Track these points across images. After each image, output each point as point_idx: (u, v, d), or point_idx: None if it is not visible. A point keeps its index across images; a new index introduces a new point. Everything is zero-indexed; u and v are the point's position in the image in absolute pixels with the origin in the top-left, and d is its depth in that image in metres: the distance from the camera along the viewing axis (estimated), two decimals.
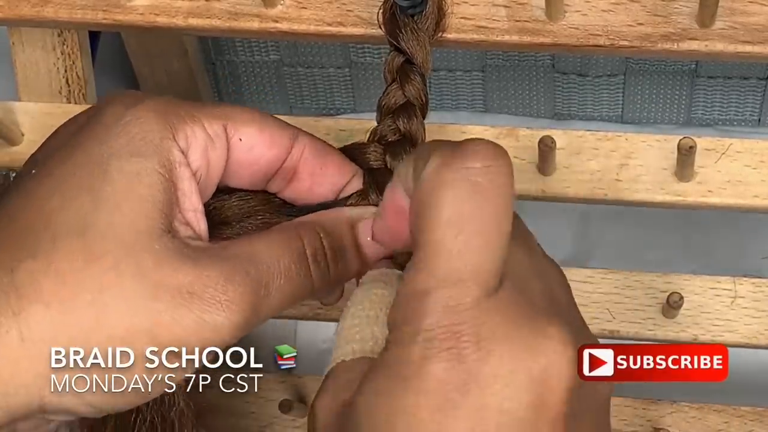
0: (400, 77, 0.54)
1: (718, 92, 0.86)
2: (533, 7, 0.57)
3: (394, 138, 0.53)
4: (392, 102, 0.53)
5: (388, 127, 0.53)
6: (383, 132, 0.53)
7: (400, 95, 0.53)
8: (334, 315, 0.63)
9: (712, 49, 0.55)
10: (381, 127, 0.53)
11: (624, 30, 0.56)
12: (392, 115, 0.53)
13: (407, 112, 0.53)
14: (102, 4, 0.59)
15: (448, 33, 0.57)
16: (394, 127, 0.53)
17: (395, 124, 0.53)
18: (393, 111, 0.53)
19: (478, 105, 0.89)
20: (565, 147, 0.60)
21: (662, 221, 0.84)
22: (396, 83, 0.53)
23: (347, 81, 0.88)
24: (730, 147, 0.60)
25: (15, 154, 0.63)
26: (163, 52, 0.81)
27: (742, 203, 0.59)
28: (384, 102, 0.53)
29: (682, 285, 0.64)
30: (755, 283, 0.63)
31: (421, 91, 0.54)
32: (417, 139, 0.54)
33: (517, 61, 0.85)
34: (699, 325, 0.63)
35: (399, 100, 0.53)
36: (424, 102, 0.54)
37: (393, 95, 0.53)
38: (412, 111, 0.53)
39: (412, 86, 0.53)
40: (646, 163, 0.60)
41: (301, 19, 0.58)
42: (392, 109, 0.53)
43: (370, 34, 0.57)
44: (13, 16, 0.60)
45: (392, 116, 0.53)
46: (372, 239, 0.49)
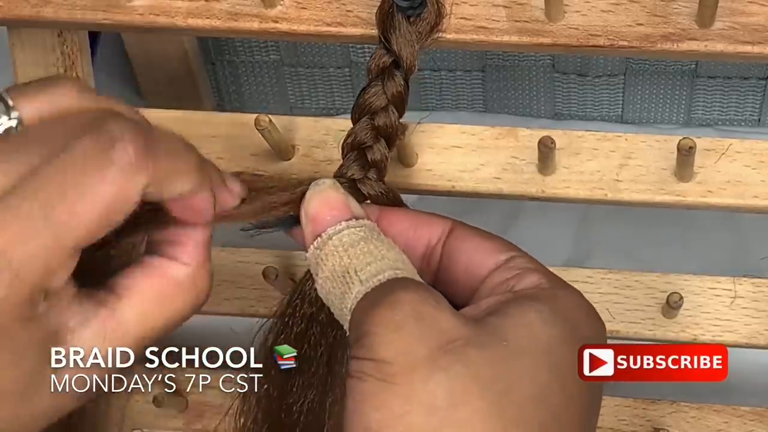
0: (383, 77, 0.54)
1: (718, 92, 0.86)
2: (533, 7, 0.57)
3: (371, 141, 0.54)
4: (372, 102, 0.54)
5: (366, 126, 0.54)
6: (360, 133, 0.54)
7: (381, 95, 0.54)
8: None
9: (712, 50, 0.55)
10: (358, 128, 0.54)
11: (624, 30, 0.56)
12: (370, 116, 0.54)
13: (386, 113, 0.54)
14: (102, 4, 0.59)
15: (448, 33, 0.57)
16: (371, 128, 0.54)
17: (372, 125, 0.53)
18: (372, 111, 0.54)
19: (478, 105, 0.89)
20: (564, 147, 0.60)
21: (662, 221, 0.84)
22: (378, 82, 0.54)
23: (347, 81, 0.88)
24: (730, 147, 0.60)
25: None
26: (163, 52, 0.81)
27: (742, 203, 0.59)
28: (363, 100, 0.54)
29: (682, 285, 0.64)
30: (755, 283, 0.64)
31: (403, 94, 0.54)
32: (393, 140, 0.54)
33: (517, 61, 0.85)
34: (699, 325, 0.63)
35: (380, 101, 0.54)
36: (403, 105, 0.54)
37: (374, 95, 0.54)
38: (391, 112, 0.54)
39: (394, 88, 0.54)
40: (646, 163, 0.60)
41: (301, 19, 0.58)
42: (371, 110, 0.54)
43: (370, 34, 0.57)
44: (13, 16, 0.60)
45: (370, 116, 0.54)
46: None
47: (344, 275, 0.47)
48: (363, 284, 0.46)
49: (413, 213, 0.52)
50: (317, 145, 0.61)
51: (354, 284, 0.46)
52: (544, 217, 0.85)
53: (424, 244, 0.50)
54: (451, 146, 0.61)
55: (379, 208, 0.52)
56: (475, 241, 0.49)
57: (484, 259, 0.49)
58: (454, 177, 0.60)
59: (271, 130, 0.58)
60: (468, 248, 0.49)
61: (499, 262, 0.48)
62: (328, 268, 0.48)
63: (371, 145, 0.54)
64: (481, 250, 0.49)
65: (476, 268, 0.49)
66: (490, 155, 0.60)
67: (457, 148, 0.61)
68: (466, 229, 0.50)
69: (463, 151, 0.61)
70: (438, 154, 0.61)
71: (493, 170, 0.60)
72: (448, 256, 0.50)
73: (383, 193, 0.53)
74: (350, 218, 0.49)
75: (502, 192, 0.60)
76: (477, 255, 0.49)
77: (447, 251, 0.50)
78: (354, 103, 0.54)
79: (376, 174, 0.54)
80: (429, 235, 0.50)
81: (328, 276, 0.47)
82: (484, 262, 0.48)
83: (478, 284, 0.48)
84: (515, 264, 0.48)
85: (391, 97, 0.54)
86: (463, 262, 0.49)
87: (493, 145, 0.61)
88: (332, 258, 0.47)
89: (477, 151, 0.61)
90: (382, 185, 0.54)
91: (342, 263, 0.47)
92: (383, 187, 0.54)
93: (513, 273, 0.47)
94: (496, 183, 0.60)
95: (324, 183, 0.50)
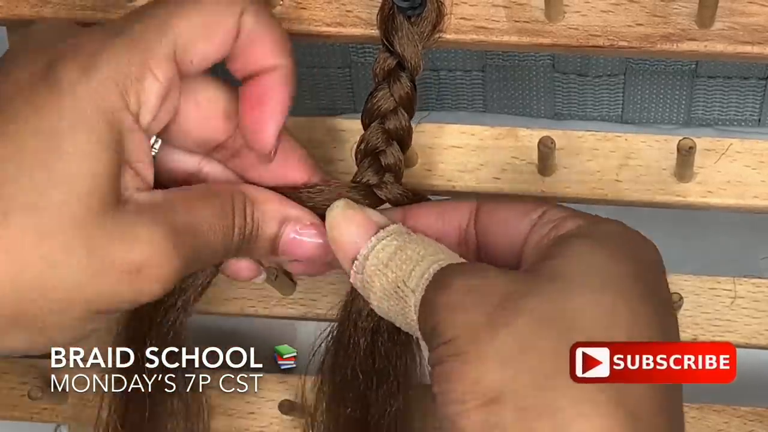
0: (389, 79, 0.54)
1: (718, 92, 0.86)
2: (532, 7, 0.57)
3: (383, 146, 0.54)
4: (380, 105, 0.54)
5: (377, 131, 0.53)
6: (371, 137, 0.53)
7: (388, 99, 0.54)
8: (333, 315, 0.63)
9: (712, 50, 0.55)
10: (369, 133, 0.54)
11: (623, 30, 0.56)
12: (380, 120, 0.54)
13: (396, 116, 0.54)
14: (102, 4, 0.59)
15: (448, 33, 0.57)
16: (382, 132, 0.53)
17: (383, 129, 0.53)
18: (381, 115, 0.54)
19: (478, 105, 0.89)
20: (564, 147, 0.60)
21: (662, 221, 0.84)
22: (385, 86, 0.54)
23: (347, 81, 0.88)
24: (730, 147, 0.60)
25: None
26: None
27: (742, 203, 0.59)
28: (371, 105, 0.54)
29: (682, 285, 0.64)
30: (755, 284, 0.63)
31: (411, 96, 0.54)
32: (406, 142, 0.54)
33: (517, 61, 0.85)
34: (699, 325, 0.63)
35: (387, 104, 0.54)
36: (412, 106, 0.54)
37: (381, 98, 0.54)
38: (400, 115, 0.54)
39: (401, 90, 0.54)
40: (646, 163, 0.60)
41: (301, 19, 0.58)
42: (380, 113, 0.54)
43: (370, 34, 0.57)
44: (13, 16, 0.60)
45: (380, 120, 0.54)
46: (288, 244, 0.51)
47: (396, 291, 0.47)
48: (415, 293, 0.46)
49: (436, 204, 0.52)
50: (317, 145, 0.61)
51: (408, 296, 0.47)
52: None
53: (456, 229, 0.51)
54: (451, 146, 0.61)
55: (402, 209, 0.52)
56: (504, 210, 0.50)
57: (518, 224, 0.49)
58: (454, 177, 0.60)
59: None
60: (499, 219, 0.50)
61: (533, 221, 0.49)
62: (378, 289, 0.48)
63: (384, 149, 0.54)
64: (513, 216, 0.49)
65: (513, 235, 0.49)
66: (490, 155, 0.60)
67: (457, 148, 0.61)
68: (492, 203, 0.51)
69: (463, 151, 0.61)
70: (438, 154, 0.61)
71: (493, 170, 0.60)
72: (483, 233, 0.50)
73: (402, 194, 0.53)
74: (377, 230, 0.49)
75: (502, 192, 0.60)
76: (510, 222, 0.49)
77: (480, 230, 0.50)
78: (363, 109, 0.54)
79: (393, 177, 0.54)
80: (458, 220, 0.51)
81: (382, 296, 0.48)
82: (518, 226, 0.49)
83: (520, 249, 0.48)
84: (549, 218, 0.48)
85: (399, 100, 0.54)
86: (499, 234, 0.50)
87: (493, 145, 0.61)
88: (377, 278, 0.48)
89: (477, 151, 0.61)
90: (400, 187, 0.54)
91: (389, 280, 0.47)
92: (401, 189, 0.54)
93: (550, 226, 0.48)
94: (496, 183, 0.60)
95: (337, 206, 0.50)
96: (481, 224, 0.50)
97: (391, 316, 0.48)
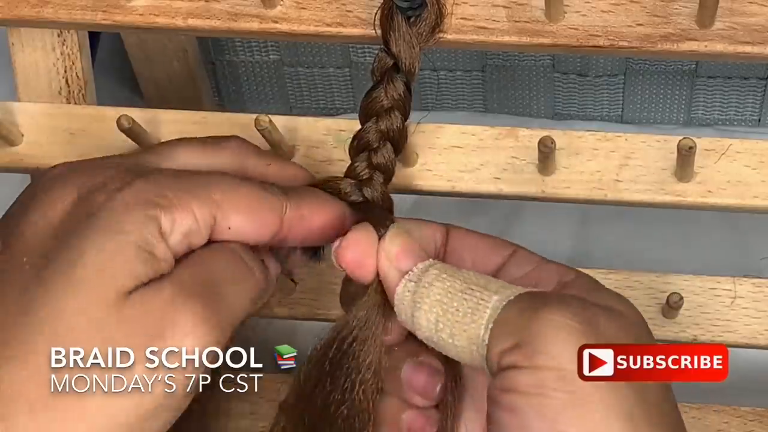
0: (385, 80, 0.54)
1: (718, 92, 0.86)
2: (533, 7, 0.57)
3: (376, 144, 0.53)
4: (375, 105, 0.54)
5: (370, 130, 0.54)
6: (365, 135, 0.54)
7: (383, 99, 0.54)
8: (333, 315, 0.63)
9: (712, 50, 0.55)
10: (363, 131, 0.54)
11: (624, 30, 0.56)
12: (375, 119, 0.54)
13: (389, 117, 0.54)
14: (102, 4, 0.59)
15: (448, 33, 0.57)
16: (376, 131, 0.53)
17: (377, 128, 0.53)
18: (375, 114, 0.54)
19: (477, 105, 0.89)
20: (564, 147, 0.60)
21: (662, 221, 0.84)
22: (381, 86, 0.54)
23: (347, 81, 0.88)
24: (730, 147, 0.60)
25: (14, 154, 0.63)
26: (162, 52, 0.81)
27: (742, 203, 0.59)
28: (366, 104, 0.54)
29: (682, 285, 0.64)
30: (755, 284, 0.64)
31: (405, 96, 0.54)
32: (399, 143, 0.54)
33: (517, 61, 0.85)
34: (699, 325, 0.63)
35: (382, 104, 0.54)
36: (406, 108, 0.54)
37: (376, 98, 0.54)
38: (393, 116, 0.54)
39: (395, 91, 0.54)
40: (646, 163, 0.60)
41: (301, 19, 0.58)
42: (375, 113, 0.54)
43: (370, 34, 0.57)
44: (13, 17, 0.60)
45: (375, 120, 0.54)
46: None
47: (467, 291, 0.48)
48: (499, 293, 0.47)
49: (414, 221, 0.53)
50: (317, 145, 0.61)
51: (488, 296, 0.47)
52: (544, 217, 0.85)
53: (433, 249, 0.52)
54: (451, 146, 0.61)
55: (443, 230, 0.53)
56: (475, 237, 0.52)
57: (489, 254, 0.51)
58: (454, 177, 0.60)
59: (271, 130, 0.58)
60: (470, 245, 0.52)
61: (504, 257, 0.51)
62: (437, 293, 0.48)
63: (376, 147, 0.54)
64: (483, 245, 0.51)
65: (486, 264, 0.51)
66: (490, 155, 0.60)
67: (457, 148, 0.61)
68: (462, 229, 0.52)
69: (463, 151, 0.61)
70: (438, 154, 0.61)
71: (493, 170, 0.60)
72: (453, 256, 0.52)
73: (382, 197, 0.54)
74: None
75: (502, 192, 0.60)
76: (480, 250, 0.51)
77: (450, 251, 0.52)
78: (359, 107, 0.54)
79: (382, 178, 0.54)
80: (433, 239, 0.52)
81: (439, 299, 0.48)
82: (489, 255, 0.51)
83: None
84: (518, 261, 0.51)
85: (393, 101, 0.54)
86: (468, 260, 0.51)
87: (493, 145, 0.61)
88: (440, 282, 0.48)
89: (477, 151, 0.61)
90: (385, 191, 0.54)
91: (457, 283, 0.48)
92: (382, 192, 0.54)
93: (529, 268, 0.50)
94: (496, 183, 0.60)
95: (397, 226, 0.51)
96: (451, 247, 0.52)
97: (445, 319, 0.48)
